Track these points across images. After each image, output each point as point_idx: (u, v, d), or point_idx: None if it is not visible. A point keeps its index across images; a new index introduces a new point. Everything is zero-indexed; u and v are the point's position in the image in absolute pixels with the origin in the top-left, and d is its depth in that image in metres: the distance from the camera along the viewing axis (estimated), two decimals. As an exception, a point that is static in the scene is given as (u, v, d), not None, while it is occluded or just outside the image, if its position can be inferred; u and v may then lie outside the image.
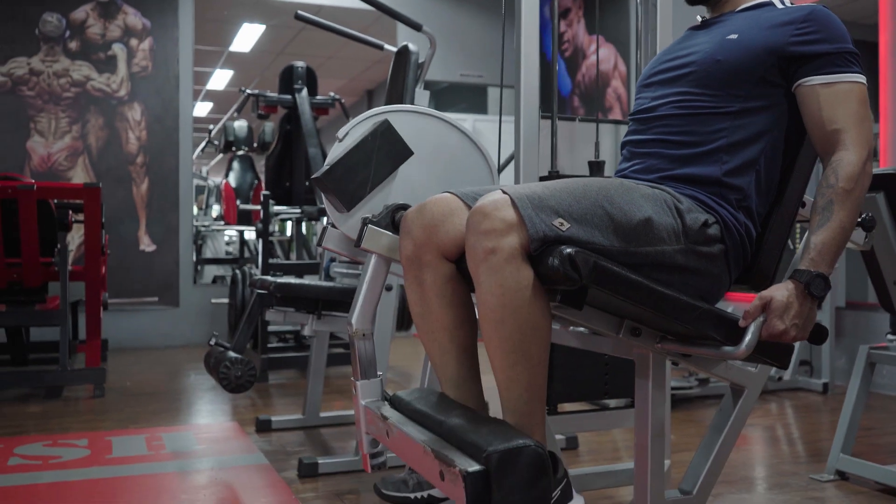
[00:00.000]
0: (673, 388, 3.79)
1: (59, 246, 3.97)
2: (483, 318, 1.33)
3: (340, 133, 1.78)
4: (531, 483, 1.20)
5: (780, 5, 1.60)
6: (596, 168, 2.22)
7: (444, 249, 1.46)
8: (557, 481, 1.33)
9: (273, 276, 3.40)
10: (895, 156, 4.04)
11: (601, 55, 6.62)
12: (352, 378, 1.64)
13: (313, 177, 1.76)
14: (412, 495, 1.55)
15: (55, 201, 4.15)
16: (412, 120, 1.83)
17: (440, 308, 1.50)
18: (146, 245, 5.98)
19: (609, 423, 2.31)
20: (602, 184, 1.42)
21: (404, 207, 1.62)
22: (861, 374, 2.58)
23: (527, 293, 1.28)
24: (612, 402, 3.07)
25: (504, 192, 1.32)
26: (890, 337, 2.65)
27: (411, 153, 1.80)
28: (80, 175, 5.82)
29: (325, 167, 1.73)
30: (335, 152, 1.75)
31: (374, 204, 1.79)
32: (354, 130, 1.79)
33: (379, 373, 1.64)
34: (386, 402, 1.58)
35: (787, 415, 3.73)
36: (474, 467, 1.19)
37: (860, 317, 4.29)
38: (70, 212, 4.07)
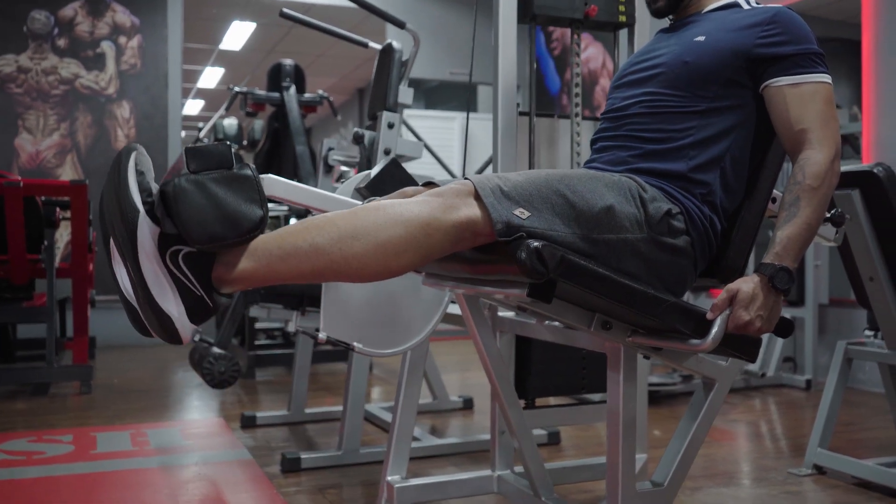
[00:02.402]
0: (656, 384, 3.81)
1: (45, 243, 3.98)
2: (379, 212, 1.26)
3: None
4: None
5: (746, 6, 1.62)
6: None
7: None
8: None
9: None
10: (878, 153, 4.07)
11: (590, 54, 6.66)
12: None
13: (357, 188, 1.83)
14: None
15: (42, 198, 4.15)
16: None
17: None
18: (135, 242, 5.98)
19: (588, 417, 2.32)
20: (565, 172, 1.43)
21: (379, 201, 1.64)
22: (839, 370, 2.60)
23: (437, 236, 1.26)
24: (596, 397, 3.08)
25: (467, 178, 1.34)
26: (867, 333, 2.68)
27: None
28: (68, 172, 5.82)
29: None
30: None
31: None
32: None
33: None
34: None
35: (771, 410, 3.76)
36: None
37: (843, 313, 4.32)
38: (57, 209, 4.07)
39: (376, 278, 1.29)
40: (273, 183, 1.76)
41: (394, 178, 1.93)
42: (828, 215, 1.86)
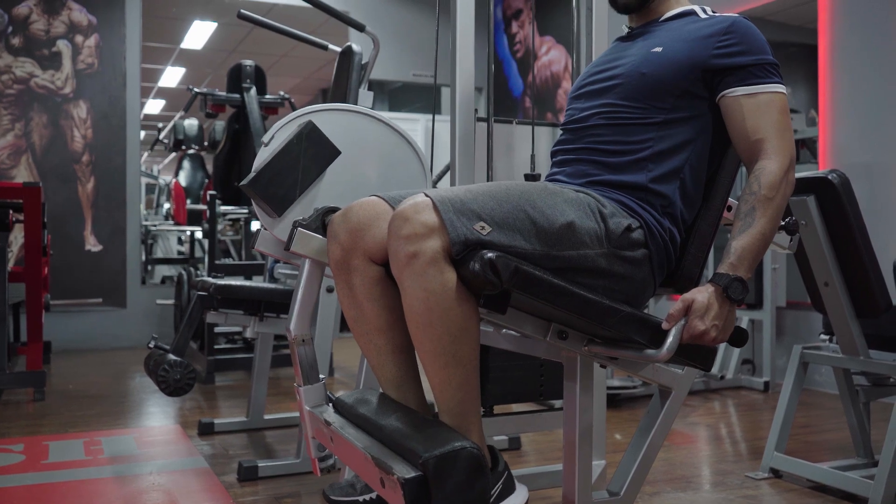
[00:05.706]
0: (618, 388, 3.82)
1: (-3, 246, 3.88)
2: (410, 322, 1.33)
3: (266, 137, 1.77)
4: (469, 485, 1.20)
5: (702, 15, 1.62)
6: (531, 181, 2.23)
7: (372, 253, 1.46)
8: (498, 475, 1.34)
9: (214, 277, 3.36)
10: (834, 157, 4.12)
11: (552, 56, 6.67)
12: (295, 384, 1.63)
13: (241, 184, 1.75)
14: (360, 498, 1.53)
15: (-6, 201, 4.05)
16: (339, 119, 1.82)
17: (372, 311, 1.49)
18: (92, 245, 5.88)
19: (547, 423, 2.32)
20: (525, 188, 1.43)
21: (335, 210, 1.61)
22: (794, 374, 2.63)
23: (452, 296, 1.29)
24: (557, 403, 3.08)
25: (426, 196, 1.32)
26: (823, 337, 2.70)
27: (338, 153, 1.78)
28: (23, 174, 5.70)
29: (252, 174, 1.72)
30: (261, 157, 1.73)
31: (305, 206, 1.77)
32: (280, 134, 1.77)
33: (321, 376, 1.63)
34: (329, 406, 1.57)
35: (730, 413, 3.79)
36: (412, 474, 1.19)
37: (801, 316, 4.37)
38: (11, 211, 3.98)
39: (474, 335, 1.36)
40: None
41: (293, 164, 1.76)
42: (782, 223, 1.87)
